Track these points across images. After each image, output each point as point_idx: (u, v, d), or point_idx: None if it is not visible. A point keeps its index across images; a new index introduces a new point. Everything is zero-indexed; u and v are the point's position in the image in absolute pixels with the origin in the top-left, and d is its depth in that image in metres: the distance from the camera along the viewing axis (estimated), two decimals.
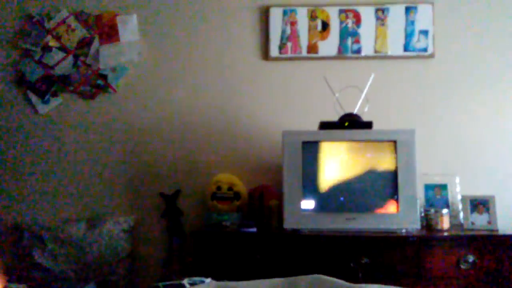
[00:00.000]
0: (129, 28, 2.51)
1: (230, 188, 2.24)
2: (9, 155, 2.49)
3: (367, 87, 2.22)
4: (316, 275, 1.13)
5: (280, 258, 1.96)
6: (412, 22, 2.43)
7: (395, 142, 2.02)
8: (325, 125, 2.12)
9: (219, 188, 2.24)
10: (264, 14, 2.48)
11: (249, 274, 1.65)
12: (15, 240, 2.40)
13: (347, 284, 1.10)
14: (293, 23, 2.46)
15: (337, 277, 1.21)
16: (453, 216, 2.19)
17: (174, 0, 2.53)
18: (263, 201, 2.18)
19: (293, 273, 1.49)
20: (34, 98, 2.51)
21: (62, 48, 2.51)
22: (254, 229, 2.08)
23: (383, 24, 2.44)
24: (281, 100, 2.46)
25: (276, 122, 2.40)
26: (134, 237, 2.40)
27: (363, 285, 1.11)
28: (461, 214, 2.19)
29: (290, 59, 2.46)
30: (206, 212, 2.25)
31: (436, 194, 2.25)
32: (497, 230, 2.07)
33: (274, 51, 2.46)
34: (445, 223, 2.07)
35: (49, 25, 2.52)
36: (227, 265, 1.97)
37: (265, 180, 2.33)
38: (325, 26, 2.45)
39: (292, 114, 2.43)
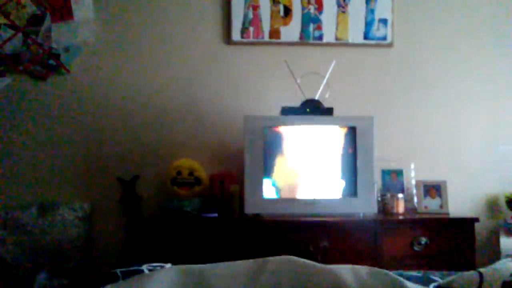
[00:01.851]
0: (84, 6, 2.39)
1: (190, 173, 2.20)
2: None
3: (328, 73, 2.24)
4: (285, 256, 1.12)
5: (241, 243, 1.96)
6: (372, 11, 2.47)
7: (354, 128, 2.06)
8: (286, 111, 2.13)
9: (179, 173, 2.20)
10: None
11: (209, 260, 1.63)
12: None
13: (319, 265, 1.09)
14: (255, 7, 2.43)
15: None
16: (408, 200, 2.28)
17: None
18: (224, 187, 2.17)
19: (254, 257, 1.49)
20: None
21: (11, 26, 2.36)
22: (215, 214, 2.07)
23: (344, 12, 2.46)
24: (243, 85, 2.44)
25: (238, 106, 2.38)
26: (90, 223, 2.33)
27: (337, 266, 1.10)
28: (415, 199, 2.28)
29: (252, 43, 2.44)
30: (166, 197, 2.21)
31: (392, 179, 2.32)
32: (448, 214, 2.17)
33: (236, 35, 2.42)
34: (400, 207, 2.15)
35: None
36: (187, 251, 1.95)
37: (226, 166, 2.32)
38: (288, 11, 2.44)
39: (254, 99, 2.42)
